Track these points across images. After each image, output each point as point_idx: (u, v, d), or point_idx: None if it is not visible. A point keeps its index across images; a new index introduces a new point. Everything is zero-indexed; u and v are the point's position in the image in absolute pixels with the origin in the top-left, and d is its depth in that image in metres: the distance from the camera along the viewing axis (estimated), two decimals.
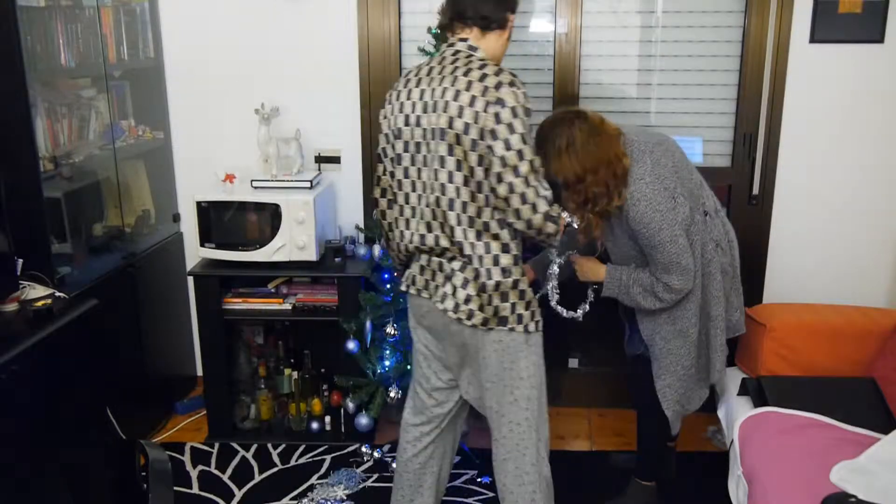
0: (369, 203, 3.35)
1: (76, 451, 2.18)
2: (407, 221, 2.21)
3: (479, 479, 2.96)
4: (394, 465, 2.99)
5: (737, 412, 2.68)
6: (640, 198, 2.29)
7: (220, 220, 3.06)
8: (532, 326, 2.16)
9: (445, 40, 2.19)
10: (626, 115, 3.22)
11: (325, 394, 3.33)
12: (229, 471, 3.02)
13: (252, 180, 3.12)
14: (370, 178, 3.37)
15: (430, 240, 2.15)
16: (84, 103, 2.87)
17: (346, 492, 2.88)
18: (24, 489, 1.95)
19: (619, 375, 3.21)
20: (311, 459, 3.11)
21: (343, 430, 3.26)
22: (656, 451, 2.78)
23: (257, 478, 2.98)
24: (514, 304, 2.13)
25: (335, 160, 3.37)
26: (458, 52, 2.11)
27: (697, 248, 2.39)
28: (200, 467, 3.04)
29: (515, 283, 2.12)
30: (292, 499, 2.85)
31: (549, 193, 2.06)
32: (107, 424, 2.33)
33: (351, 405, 3.10)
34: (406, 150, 2.14)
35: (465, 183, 2.05)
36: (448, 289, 2.15)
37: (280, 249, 3.05)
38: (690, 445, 3.15)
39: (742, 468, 2.41)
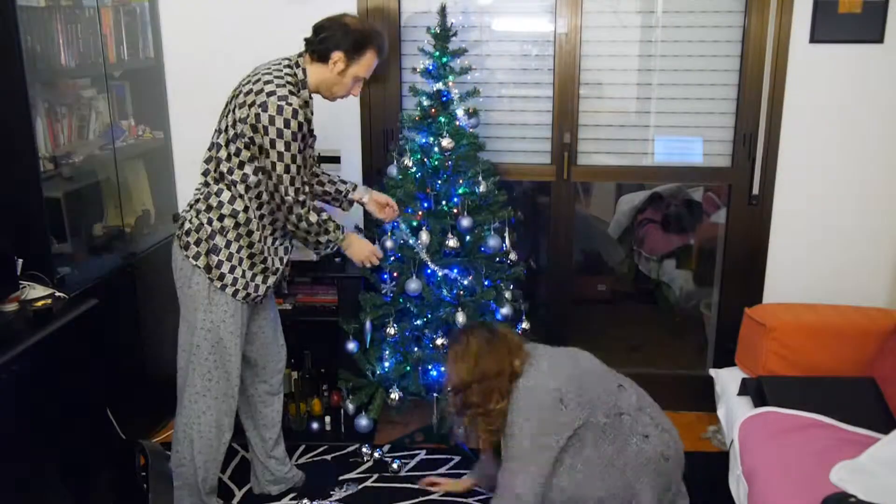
0: None
1: (76, 451, 2.19)
2: None
3: None
4: (394, 465, 3.00)
5: (737, 412, 2.68)
6: (526, 393, 2.28)
7: None
8: None
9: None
10: (627, 115, 3.22)
11: (325, 394, 3.33)
12: (229, 471, 3.02)
13: None
14: (370, 178, 3.37)
15: None
16: (84, 103, 2.87)
17: (346, 492, 2.88)
18: (25, 489, 1.95)
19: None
20: (311, 459, 3.11)
21: (343, 430, 3.26)
22: None
23: None
24: None
25: (335, 160, 3.36)
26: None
27: (610, 450, 2.27)
28: None
29: None
30: (292, 499, 2.84)
31: None
32: (107, 424, 2.33)
33: (351, 406, 3.10)
34: None
35: None
36: None
37: None
38: (690, 445, 3.13)
39: (742, 468, 2.41)
